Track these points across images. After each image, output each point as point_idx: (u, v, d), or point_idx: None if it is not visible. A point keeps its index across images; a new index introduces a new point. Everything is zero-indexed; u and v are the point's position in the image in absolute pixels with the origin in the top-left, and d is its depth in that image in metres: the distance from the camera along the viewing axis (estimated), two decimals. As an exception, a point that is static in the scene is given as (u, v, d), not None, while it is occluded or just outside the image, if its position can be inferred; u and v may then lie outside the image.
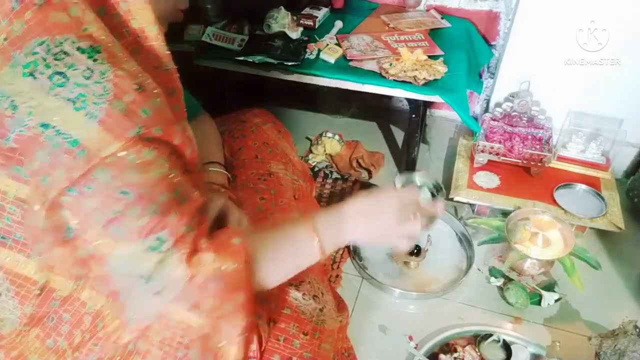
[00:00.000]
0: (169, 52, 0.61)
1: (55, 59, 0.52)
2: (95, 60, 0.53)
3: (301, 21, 1.37)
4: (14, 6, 0.52)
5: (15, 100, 0.52)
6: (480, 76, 1.50)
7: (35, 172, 0.54)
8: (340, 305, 1.00)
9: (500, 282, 1.11)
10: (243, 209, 0.96)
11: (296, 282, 0.86)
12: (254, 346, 0.73)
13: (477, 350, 0.95)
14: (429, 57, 1.23)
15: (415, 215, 0.73)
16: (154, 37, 0.59)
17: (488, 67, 1.50)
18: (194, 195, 0.63)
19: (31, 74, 0.52)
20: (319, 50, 1.27)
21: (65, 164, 0.53)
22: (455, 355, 0.95)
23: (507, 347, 0.96)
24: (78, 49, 0.53)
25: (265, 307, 0.79)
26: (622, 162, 1.38)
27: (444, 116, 1.68)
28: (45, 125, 0.52)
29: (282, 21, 1.32)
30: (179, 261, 0.60)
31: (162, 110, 0.58)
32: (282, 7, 1.35)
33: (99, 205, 0.55)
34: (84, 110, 0.52)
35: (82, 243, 0.58)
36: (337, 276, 1.13)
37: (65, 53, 0.52)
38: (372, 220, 0.73)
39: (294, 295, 0.83)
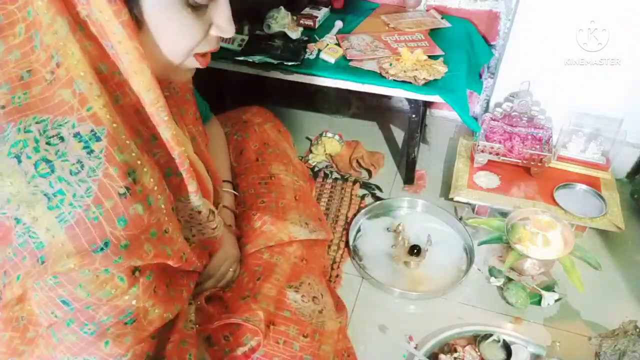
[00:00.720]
0: (167, 118, 0.56)
1: (48, 144, 0.48)
2: (91, 152, 0.49)
3: (301, 21, 1.37)
4: (23, 76, 0.48)
5: None
6: (480, 76, 1.50)
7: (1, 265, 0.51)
8: (339, 305, 1.00)
9: (500, 282, 1.11)
10: (241, 227, 0.98)
11: (296, 283, 0.86)
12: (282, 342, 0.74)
13: (477, 350, 0.95)
14: (429, 57, 1.23)
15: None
16: (149, 102, 0.54)
17: (488, 67, 1.50)
18: (151, 316, 0.60)
19: (17, 157, 0.47)
20: (319, 50, 1.27)
21: (25, 269, 0.50)
22: (455, 355, 0.95)
23: (507, 347, 0.96)
24: (76, 135, 0.49)
25: (264, 310, 0.79)
26: (623, 162, 1.38)
27: (444, 116, 1.68)
28: (17, 220, 0.48)
29: (282, 21, 1.32)
30: None
31: (139, 218, 0.53)
32: (282, 7, 1.35)
33: (43, 303, 0.53)
34: (58, 210, 0.48)
35: (35, 322, 0.57)
36: (337, 276, 1.13)
37: (60, 138, 0.48)
38: None
39: (293, 297, 0.83)
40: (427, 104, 1.55)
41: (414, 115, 1.25)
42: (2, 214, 0.49)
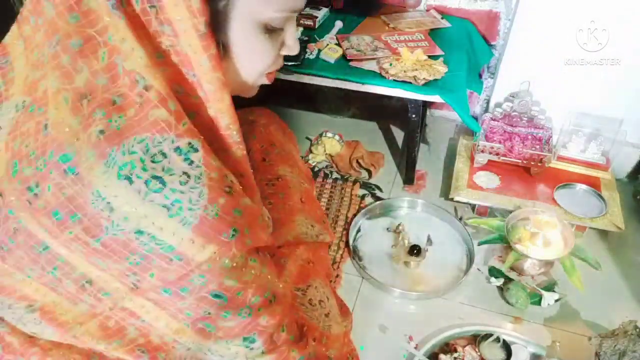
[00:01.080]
0: (240, 139, 0.59)
1: (153, 161, 0.50)
2: (191, 162, 0.52)
3: (301, 21, 1.37)
4: (115, 100, 0.50)
5: (111, 203, 0.50)
6: (480, 76, 1.50)
7: (121, 271, 0.53)
8: (343, 309, 1.00)
9: (500, 282, 1.11)
10: None
11: (303, 286, 0.86)
12: None
13: (477, 350, 0.95)
14: (429, 57, 1.23)
15: None
16: (225, 126, 0.57)
17: (488, 67, 1.50)
18: (280, 290, 0.65)
19: (127, 178, 0.50)
20: (319, 50, 1.27)
21: (158, 267, 0.52)
22: (455, 355, 0.95)
23: (507, 347, 0.96)
24: (176, 149, 0.51)
25: None
26: (623, 162, 1.38)
27: (444, 116, 1.68)
28: (139, 232, 0.51)
29: (282, 21, 1.32)
30: (271, 353, 0.62)
31: (250, 208, 0.58)
32: (282, 7, 1.34)
33: (190, 306, 0.55)
34: (179, 217, 0.51)
35: (146, 332, 0.59)
36: (337, 276, 1.13)
37: (163, 154, 0.51)
38: None
39: (301, 301, 0.84)
40: (427, 104, 1.55)
41: (414, 115, 1.25)
42: (119, 229, 0.51)
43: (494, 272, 1.14)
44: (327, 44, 1.29)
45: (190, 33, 0.50)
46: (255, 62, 0.61)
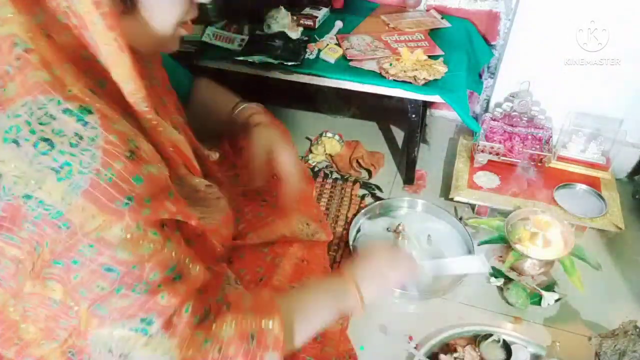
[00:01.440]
0: (147, 108, 0.56)
1: (40, 123, 0.48)
2: (85, 123, 0.49)
3: (301, 21, 1.37)
4: (7, 69, 0.48)
5: (0, 168, 0.48)
6: (480, 76, 1.50)
7: (26, 240, 0.51)
8: None
9: (500, 282, 1.11)
10: (244, 214, 0.96)
11: (297, 284, 0.86)
12: None
13: (477, 350, 0.95)
14: (429, 57, 1.23)
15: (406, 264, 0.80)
16: (128, 93, 0.54)
17: (488, 67, 1.50)
18: (194, 272, 0.60)
19: (14, 141, 0.48)
20: (319, 50, 1.27)
21: (50, 236, 0.50)
22: (455, 355, 0.95)
23: (507, 347, 0.96)
24: (65, 111, 0.48)
25: None
26: (623, 162, 1.38)
27: (444, 116, 1.68)
28: (27, 197, 0.48)
29: (282, 21, 1.32)
30: (171, 346, 0.56)
31: (155, 178, 0.53)
32: (282, 7, 1.35)
33: (84, 280, 0.52)
34: (68, 180, 0.48)
35: (66, 312, 0.56)
36: (337, 276, 1.12)
37: (50, 116, 0.48)
38: (378, 284, 0.77)
39: None
40: (427, 104, 1.55)
41: (414, 115, 1.25)
42: (10, 195, 0.49)
43: (494, 272, 1.14)
44: (327, 44, 1.29)
45: None
46: (167, 13, 0.58)
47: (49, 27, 0.50)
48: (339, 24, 1.39)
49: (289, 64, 1.22)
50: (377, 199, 1.35)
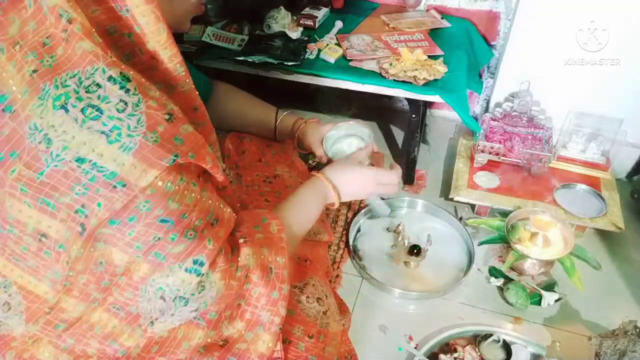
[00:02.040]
0: (184, 73, 0.61)
1: (87, 92, 0.51)
2: (127, 90, 0.53)
3: (301, 21, 1.37)
4: (45, 42, 0.52)
5: (48, 134, 0.51)
6: (480, 76, 1.50)
7: (68, 205, 0.53)
8: (342, 307, 1.00)
9: (500, 282, 1.11)
10: (248, 210, 0.97)
11: (300, 284, 0.86)
12: (279, 345, 0.74)
13: (477, 350, 0.95)
14: (429, 57, 1.23)
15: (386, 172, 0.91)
16: (167, 59, 0.59)
17: (488, 67, 1.50)
18: (226, 215, 0.66)
19: (63, 107, 0.51)
20: (319, 50, 1.27)
21: (103, 196, 0.53)
22: (455, 355, 0.95)
23: (507, 347, 0.96)
24: (109, 78, 0.52)
25: None
26: (623, 162, 1.38)
27: (444, 116, 1.68)
28: (80, 160, 0.52)
29: (282, 21, 1.32)
30: (217, 280, 0.63)
31: (192, 135, 0.58)
32: (282, 7, 1.35)
33: (140, 234, 0.56)
34: (119, 142, 0.52)
35: (111, 272, 0.59)
36: (337, 276, 1.13)
37: (97, 85, 0.52)
38: (354, 189, 0.90)
39: (298, 298, 0.84)
40: (427, 104, 1.55)
41: (414, 115, 1.25)
42: (59, 159, 0.52)
43: (494, 272, 1.14)
44: (327, 44, 1.29)
45: None
46: (185, 6, 0.66)
47: (78, 2, 0.53)
48: (339, 24, 1.39)
49: (289, 64, 1.22)
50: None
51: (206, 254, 0.61)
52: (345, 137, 1.00)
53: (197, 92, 0.64)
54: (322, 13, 1.41)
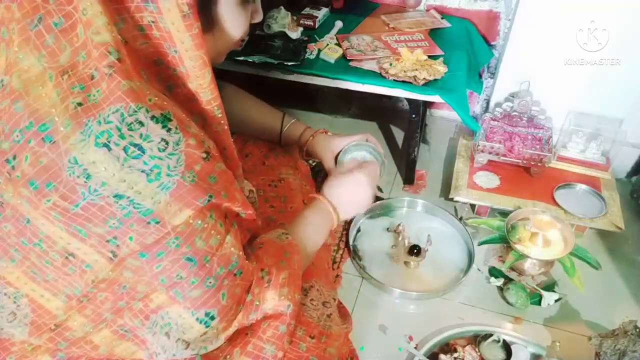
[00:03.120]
0: (221, 115, 0.62)
1: (130, 129, 0.52)
2: (169, 130, 0.54)
3: (301, 21, 1.37)
4: (93, 75, 0.51)
5: (88, 170, 0.51)
6: (480, 76, 1.50)
7: (100, 235, 0.54)
8: (342, 311, 1.00)
9: (500, 282, 1.11)
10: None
11: (305, 285, 0.87)
12: (280, 353, 0.75)
13: (477, 350, 0.95)
14: (429, 57, 1.23)
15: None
16: (206, 102, 0.60)
17: (488, 67, 1.50)
18: (248, 269, 0.67)
19: (105, 145, 0.51)
20: (319, 50, 1.27)
21: (136, 231, 0.54)
22: (455, 355, 0.95)
23: (507, 347, 0.96)
24: (152, 118, 0.53)
25: None
26: (623, 162, 1.38)
27: (444, 116, 1.68)
28: (118, 196, 0.52)
29: (282, 21, 1.32)
30: (221, 332, 0.65)
31: (224, 173, 0.60)
32: (282, 7, 1.35)
33: (166, 268, 0.57)
34: (158, 182, 0.53)
35: (131, 295, 0.60)
36: (337, 276, 1.13)
37: (140, 123, 0.52)
38: (353, 204, 0.94)
39: (302, 300, 0.84)
40: (427, 104, 1.55)
41: (414, 115, 1.25)
42: (97, 194, 0.52)
43: (494, 272, 1.14)
44: (327, 44, 1.29)
45: (174, 12, 0.52)
46: (236, 32, 0.66)
47: (126, 34, 0.54)
48: (339, 24, 1.39)
49: (289, 64, 1.22)
50: (377, 198, 1.35)
51: (219, 310, 0.62)
52: (356, 152, 1.05)
53: (229, 133, 0.65)
54: (322, 13, 1.41)
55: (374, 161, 1.02)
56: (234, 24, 0.65)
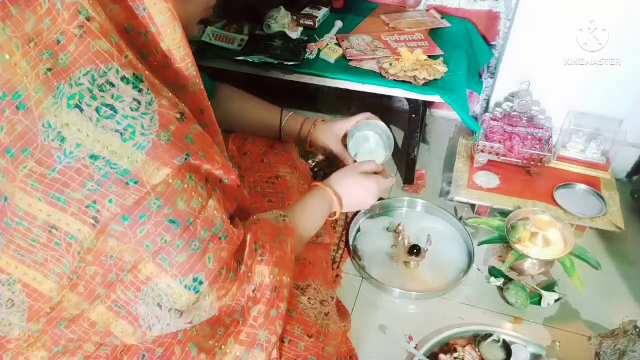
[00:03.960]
0: (195, 73, 0.62)
1: (101, 90, 0.53)
2: (140, 90, 0.54)
3: (301, 21, 1.37)
4: (59, 39, 0.52)
5: (62, 132, 0.52)
6: (480, 76, 1.50)
7: (79, 200, 0.55)
8: (341, 310, 1.00)
9: (500, 282, 1.11)
10: (252, 210, 0.98)
11: (303, 284, 0.87)
12: (275, 352, 0.75)
13: (477, 350, 0.95)
14: (429, 57, 1.23)
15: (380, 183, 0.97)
16: (180, 59, 0.60)
17: (488, 67, 1.50)
18: (233, 233, 0.66)
19: (77, 106, 0.52)
20: (319, 50, 1.27)
21: (115, 193, 0.54)
22: (455, 355, 0.95)
23: (507, 347, 0.96)
24: (123, 78, 0.53)
25: None
26: (623, 162, 1.38)
27: (444, 116, 1.68)
28: (94, 157, 0.53)
29: (282, 21, 1.32)
30: (214, 300, 0.65)
31: (201, 135, 0.60)
32: (282, 7, 1.35)
33: (149, 232, 0.57)
34: (133, 141, 0.53)
35: (120, 267, 0.60)
36: (337, 276, 1.13)
37: (110, 84, 0.53)
38: (357, 200, 0.96)
39: (299, 299, 0.84)
40: (427, 104, 1.55)
41: (414, 115, 1.25)
42: (72, 156, 0.53)
43: (494, 272, 1.14)
44: (327, 44, 1.29)
45: None
46: (199, 3, 0.68)
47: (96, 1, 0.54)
48: (339, 24, 1.39)
49: (289, 64, 1.22)
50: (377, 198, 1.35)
51: (206, 273, 0.62)
52: (366, 138, 1.09)
53: (206, 94, 0.65)
54: (322, 13, 1.41)
55: (392, 179, 1.03)
56: None
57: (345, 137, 1.09)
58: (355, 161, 1.06)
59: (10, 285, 0.62)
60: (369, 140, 1.10)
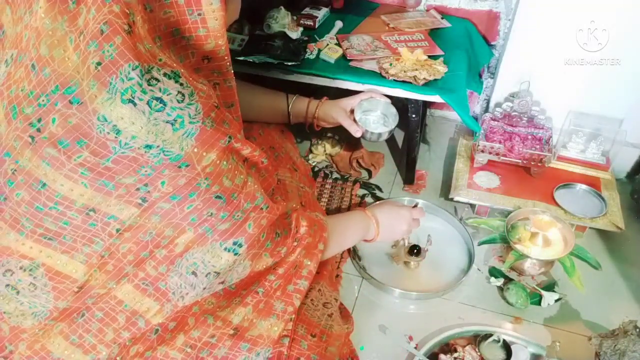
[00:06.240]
0: (232, 71, 0.69)
1: (150, 85, 0.56)
2: (181, 84, 0.59)
3: (301, 21, 1.37)
4: (102, 29, 0.54)
5: (117, 125, 0.56)
6: (480, 76, 1.50)
7: (129, 185, 0.59)
8: (344, 313, 1.00)
9: (500, 282, 1.11)
10: None
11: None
12: (290, 325, 0.80)
13: (477, 350, 0.95)
14: (429, 57, 1.23)
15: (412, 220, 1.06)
16: (221, 57, 0.66)
17: (488, 67, 1.50)
18: (274, 205, 0.73)
19: (130, 101, 0.56)
20: (319, 50, 1.27)
21: (169, 176, 0.59)
22: (455, 355, 0.95)
23: (507, 347, 0.96)
24: (165, 74, 0.58)
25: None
26: (623, 162, 1.38)
27: (444, 116, 1.68)
28: (148, 147, 0.58)
29: (282, 21, 1.32)
30: (248, 264, 0.71)
31: (232, 121, 0.66)
32: (282, 7, 1.35)
33: (197, 208, 0.62)
34: (183, 129, 0.59)
35: (156, 243, 0.65)
36: (337, 276, 1.13)
37: (155, 79, 0.57)
38: (392, 228, 1.05)
39: (302, 300, 0.84)
40: (427, 104, 1.55)
41: (414, 115, 1.25)
42: (127, 147, 0.57)
43: (494, 272, 1.14)
44: (327, 44, 1.29)
45: None
46: (238, 8, 0.75)
47: (153, 2, 0.59)
48: (339, 24, 1.39)
49: (289, 64, 1.22)
50: (377, 198, 1.35)
51: (246, 237, 0.68)
52: (373, 111, 1.20)
53: (236, 91, 0.71)
54: (322, 13, 1.41)
55: (423, 211, 1.14)
56: (238, 2, 0.74)
57: (351, 112, 1.15)
58: (363, 132, 1.13)
59: (32, 270, 0.65)
60: (375, 112, 1.19)
